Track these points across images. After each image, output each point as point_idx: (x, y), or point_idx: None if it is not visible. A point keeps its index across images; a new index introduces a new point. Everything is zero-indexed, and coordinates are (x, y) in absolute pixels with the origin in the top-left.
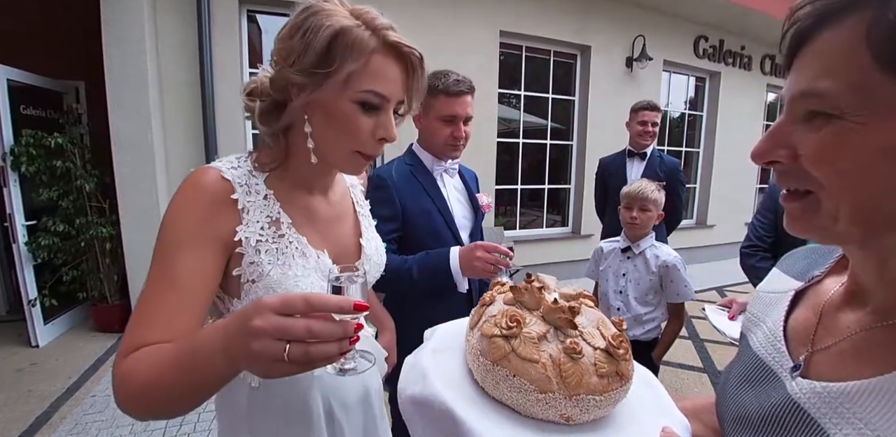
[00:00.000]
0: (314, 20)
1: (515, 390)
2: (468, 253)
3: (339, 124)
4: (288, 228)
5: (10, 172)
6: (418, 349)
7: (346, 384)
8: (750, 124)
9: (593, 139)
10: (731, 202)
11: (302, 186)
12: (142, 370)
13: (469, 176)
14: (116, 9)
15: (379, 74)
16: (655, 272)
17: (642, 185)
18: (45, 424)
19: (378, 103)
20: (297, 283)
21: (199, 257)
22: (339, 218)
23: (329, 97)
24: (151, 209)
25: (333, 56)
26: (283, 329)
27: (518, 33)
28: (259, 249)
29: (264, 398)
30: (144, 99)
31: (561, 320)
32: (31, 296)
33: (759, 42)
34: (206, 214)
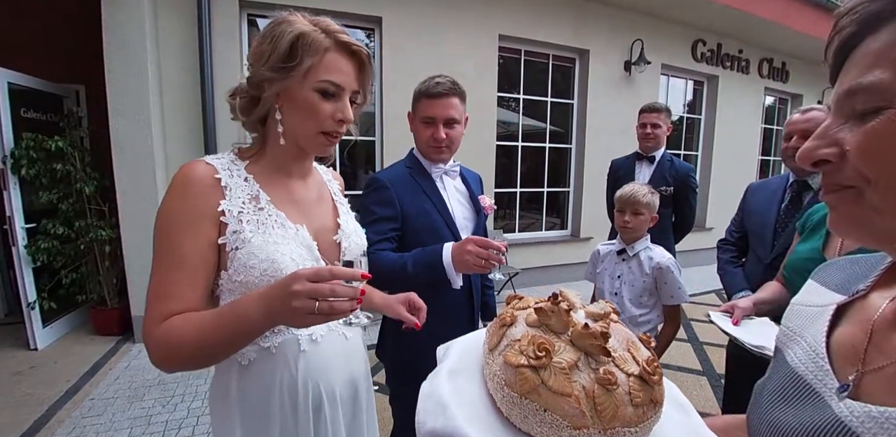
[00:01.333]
0: (280, 28)
1: (546, 425)
2: (460, 247)
3: (304, 109)
4: (267, 203)
5: (10, 175)
6: (434, 373)
7: (330, 362)
8: (748, 128)
9: (592, 143)
10: (730, 205)
11: (280, 170)
12: (187, 332)
13: (472, 178)
14: (117, 13)
15: (333, 67)
16: (649, 274)
17: (634, 188)
18: (44, 427)
19: (334, 91)
20: (277, 249)
21: (196, 235)
22: (317, 200)
23: (294, 87)
24: (151, 212)
25: (295, 54)
26: (315, 291)
27: (517, 37)
28: (241, 219)
29: (254, 378)
30: (144, 103)
31: (593, 347)
32: (30, 299)
33: (757, 45)
34: (197, 197)
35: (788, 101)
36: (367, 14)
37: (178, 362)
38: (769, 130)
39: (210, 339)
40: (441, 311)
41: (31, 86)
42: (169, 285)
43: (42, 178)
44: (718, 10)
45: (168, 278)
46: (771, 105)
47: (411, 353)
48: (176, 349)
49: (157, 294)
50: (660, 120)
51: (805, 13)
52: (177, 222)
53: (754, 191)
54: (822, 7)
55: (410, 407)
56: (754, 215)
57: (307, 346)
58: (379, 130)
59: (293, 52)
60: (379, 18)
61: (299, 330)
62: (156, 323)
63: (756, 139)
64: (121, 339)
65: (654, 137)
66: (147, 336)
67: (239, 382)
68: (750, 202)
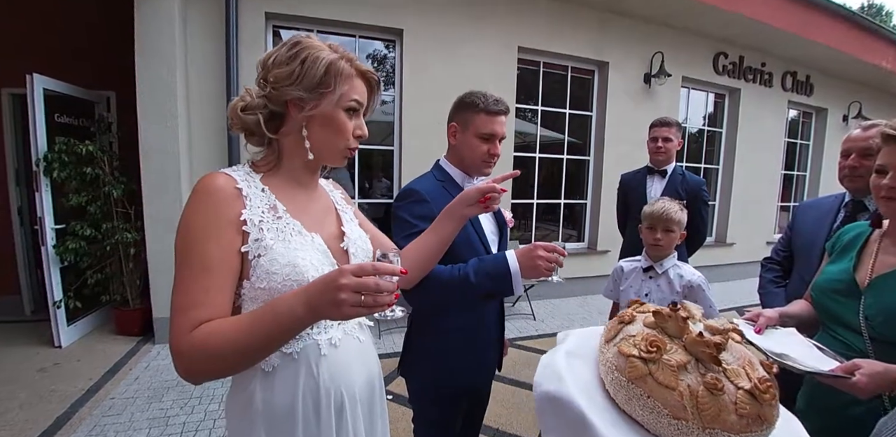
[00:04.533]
0: (310, 53)
1: (648, 409)
2: (528, 253)
3: (335, 128)
4: (284, 212)
5: (42, 177)
6: (553, 351)
7: (350, 365)
8: (771, 142)
9: (610, 155)
10: (752, 221)
11: (293, 182)
12: (225, 337)
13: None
14: (149, 23)
15: (357, 89)
16: (679, 292)
17: (665, 205)
18: (66, 424)
19: (358, 108)
20: (297, 254)
21: (220, 242)
22: (324, 210)
23: (327, 109)
24: (175, 216)
25: (329, 81)
26: (361, 285)
27: (536, 49)
28: (262, 227)
29: (277, 384)
30: (172, 109)
31: (704, 354)
32: (56, 297)
33: (780, 58)
34: (220, 206)
35: (813, 115)
36: (390, 26)
37: (213, 369)
38: (792, 145)
39: (249, 341)
40: (475, 328)
41: (64, 92)
42: (197, 292)
43: (72, 181)
44: (741, 22)
45: (196, 286)
46: (795, 119)
47: (439, 372)
48: (212, 356)
49: (185, 303)
50: (671, 134)
51: (830, 26)
52: (202, 229)
53: (805, 210)
54: (848, 20)
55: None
56: (803, 235)
57: (327, 350)
58: (398, 140)
59: (327, 77)
60: (400, 31)
61: (319, 335)
62: (186, 332)
63: (779, 154)
64: (141, 339)
65: (666, 151)
66: (177, 346)
67: (262, 388)
68: (799, 221)
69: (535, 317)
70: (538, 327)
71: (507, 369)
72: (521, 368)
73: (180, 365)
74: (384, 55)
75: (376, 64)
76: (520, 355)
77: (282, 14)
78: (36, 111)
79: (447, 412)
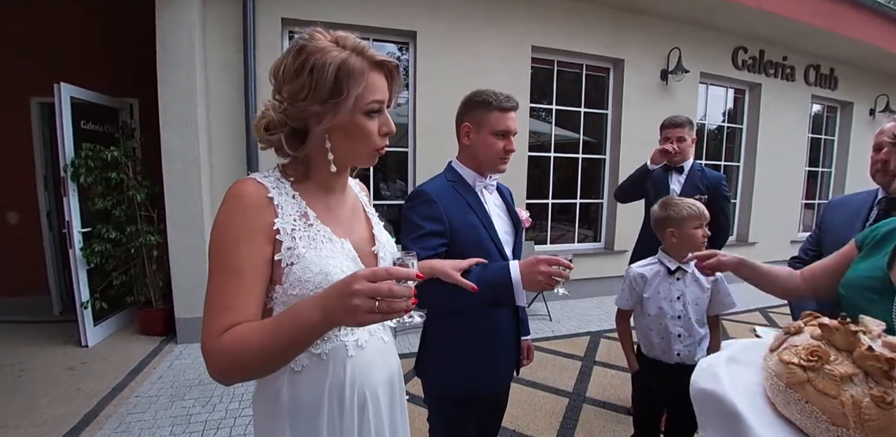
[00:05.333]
0: (316, 59)
1: (806, 414)
2: (530, 267)
3: (357, 135)
4: (315, 220)
5: (69, 182)
6: (715, 355)
7: (374, 365)
8: (794, 137)
9: (627, 153)
10: (774, 218)
11: (322, 188)
12: (250, 340)
13: (506, 192)
14: (170, 31)
15: (375, 86)
16: (709, 288)
17: (694, 201)
18: (93, 421)
19: (378, 108)
20: (328, 263)
21: (252, 249)
22: (353, 214)
23: (345, 118)
24: (196, 219)
25: (341, 86)
26: (375, 290)
27: (550, 48)
28: (294, 236)
29: (304, 383)
30: (193, 115)
31: (874, 369)
32: (83, 298)
33: (802, 52)
34: (251, 213)
35: (838, 109)
36: (403, 29)
37: (242, 372)
38: (817, 140)
39: (272, 345)
40: (489, 331)
41: (90, 100)
42: (228, 296)
43: (98, 185)
44: (760, 16)
45: (227, 290)
46: (819, 113)
47: (451, 372)
48: (240, 359)
49: (217, 306)
50: (684, 133)
51: (853, 17)
52: (234, 235)
53: (835, 206)
54: (874, 11)
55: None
56: (833, 233)
57: (354, 351)
58: (412, 141)
59: (339, 83)
60: (413, 33)
61: (346, 337)
62: (216, 335)
63: (803, 149)
64: (164, 339)
65: (681, 151)
66: (208, 348)
67: (290, 387)
68: (829, 219)
69: (552, 318)
70: (554, 327)
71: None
72: (538, 369)
73: (211, 366)
74: (398, 58)
75: None
76: (536, 357)
77: (298, 19)
78: (63, 119)
79: (460, 415)
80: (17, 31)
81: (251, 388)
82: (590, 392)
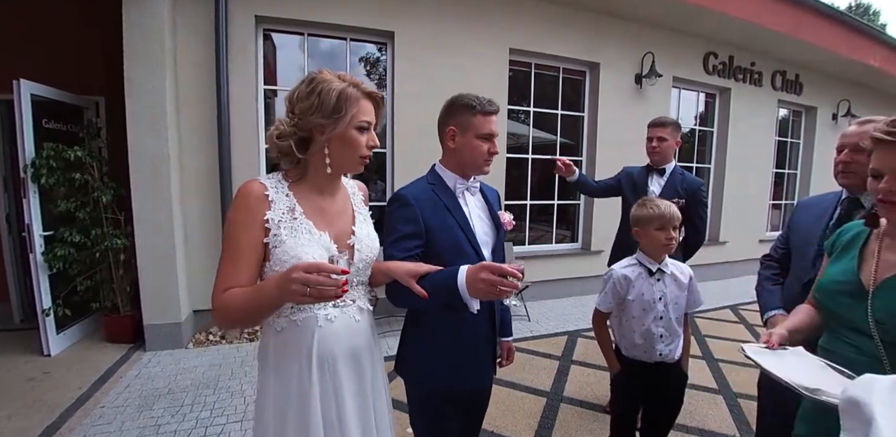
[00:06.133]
0: (322, 86)
1: None
2: (473, 274)
3: (349, 144)
4: (300, 215)
5: (30, 183)
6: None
7: (339, 337)
8: (762, 140)
9: (603, 155)
10: (744, 219)
11: (315, 190)
12: (235, 300)
13: (491, 194)
14: (137, 27)
15: (365, 109)
16: (684, 288)
17: (666, 203)
18: (55, 434)
19: (367, 127)
20: (303, 249)
21: (250, 234)
22: (340, 212)
23: (342, 130)
24: (165, 222)
25: (341, 106)
26: (305, 280)
27: (528, 51)
28: (280, 226)
29: (283, 341)
30: (162, 115)
31: None
32: (45, 305)
33: (769, 58)
34: (249, 208)
35: (802, 113)
36: (380, 29)
37: (228, 322)
38: (783, 143)
39: (247, 306)
40: (459, 332)
41: (52, 97)
42: (230, 268)
43: (60, 187)
44: (730, 22)
45: (230, 265)
46: (785, 117)
47: (427, 371)
48: (228, 312)
49: (222, 274)
50: (666, 133)
51: (818, 25)
52: (236, 225)
53: (804, 207)
54: (835, 19)
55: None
56: (800, 233)
57: (323, 323)
58: (390, 142)
59: (339, 105)
60: (391, 33)
61: (318, 311)
62: (220, 294)
63: (770, 152)
64: (132, 346)
65: (660, 150)
66: (213, 303)
67: (274, 344)
68: (797, 218)
69: (530, 318)
70: (533, 328)
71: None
72: (516, 370)
73: (214, 317)
74: (376, 58)
75: (368, 67)
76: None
77: (272, 17)
78: (23, 117)
79: (437, 416)
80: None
81: (222, 397)
82: (567, 391)
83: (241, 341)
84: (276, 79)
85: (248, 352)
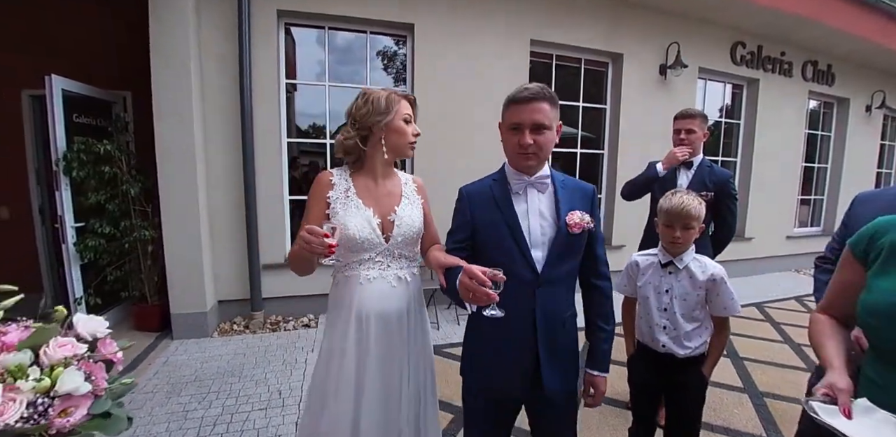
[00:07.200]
0: (373, 96)
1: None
2: (462, 276)
3: (400, 132)
4: (353, 194)
5: (62, 176)
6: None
7: (374, 298)
8: (790, 133)
9: (625, 148)
10: (771, 214)
11: (370, 176)
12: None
13: (576, 192)
14: (164, 24)
15: (405, 107)
16: (702, 287)
17: (683, 200)
18: None
19: (409, 119)
20: (349, 219)
21: (317, 207)
22: (387, 194)
23: (393, 121)
24: (191, 213)
25: (389, 105)
26: (302, 237)
27: (548, 42)
28: (336, 202)
29: (338, 292)
30: (187, 108)
31: None
32: (77, 294)
33: (800, 47)
34: (318, 189)
35: (834, 105)
36: (401, 21)
37: (291, 267)
38: (813, 136)
39: (292, 254)
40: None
41: (82, 93)
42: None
43: (91, 179)
44: (759, 10)
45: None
46: (815, 109)
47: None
48: (289, 260)
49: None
50: (694, 125)
51: (853, 13)
52: (310, 200)
53: (863, 203)
54: (872, 7)
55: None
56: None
57: (363, 282)
58: None
59: (387, 105)
60: (411, 25)
61: (361, 270)
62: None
63: (799, 145)
64: (160, 335)
65: (689, 142)
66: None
67: (333, 294)
68: (859, 216)
69: None
70: None
71: None
72: None
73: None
74: (395, 52)
75: (386, 61)
76: None
77: (293, 11)
78: (55, 112)
79: (469, 407)
80: (10, 24)
81: (246, 385)
82: None
83: (265, 331)
84: (296, 73)
85: (270, 342)
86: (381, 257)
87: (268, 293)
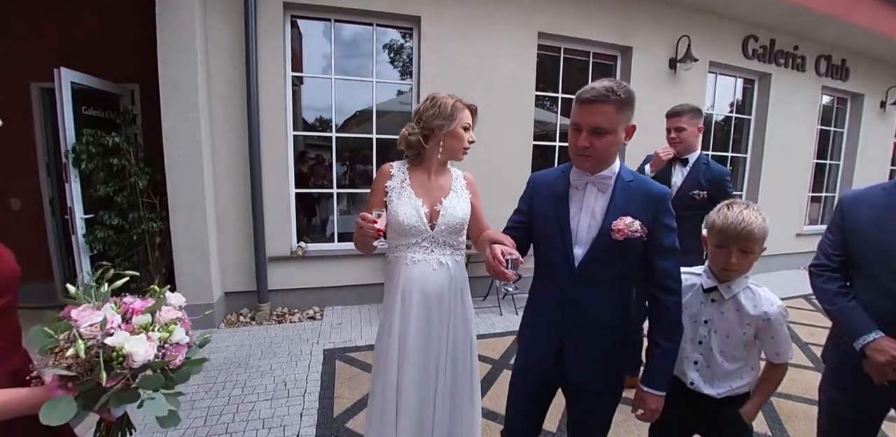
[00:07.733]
0: (441, 101)
1: None
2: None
3: (458, 138)
4: (407, 185)
5: (71, 168)
6: None
7: (416, 278)
8: (802, 129)
9: (634, 143)
10: (780, 212)
11: (424, 171)
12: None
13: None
14: (171, 17)
15: (467, 116)
16: (751, 325)
17: (745, 218)
18: None
19: (468, 127)
20: (401, 208)
21: (377, 195)
22: (438, 188)
23: (452, 129)
24: (198, 205)
25: (453, 112)
26: (358, 224)
27: (556, 35)
28: (392, 192)
29: (390, 271)
30: (194, 101)
31: None
32: None
33: (814, 41)
34: (379, 179)
35: (848, 100)
36: (407, 14)
37: (356, 247)
38: (825, 132)
39: (356, 236)
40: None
41: (91, 85)
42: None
43: (99, 171)
44: (772, 3)
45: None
46: (828, 105)
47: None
48: (354, 241)
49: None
50: (682, 123)
51: (869, 6)
52: (373, 189)
53: (856, 203)
54: (888, 0)
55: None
56: (862, 233)
57: (409, 263)
58: None
59: (452, 112)
60: (418, 18)
61: (407, 253)
62: None
63: (811, 141)
64: None
65: (680, 140)
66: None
67: (386, 273)
68: (855, 217)
69: None
70: None
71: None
72: None
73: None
74: (401, 45)
75: (392, 54)
76: None
77: (300, 3)
78: (64, 104)
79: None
80: (19, 16)
81: (252, 376)
82: None
83: (271, 322)
84: (302, 66)
85: (276, 334)
86: (426, 242)
87: (274, 285)
